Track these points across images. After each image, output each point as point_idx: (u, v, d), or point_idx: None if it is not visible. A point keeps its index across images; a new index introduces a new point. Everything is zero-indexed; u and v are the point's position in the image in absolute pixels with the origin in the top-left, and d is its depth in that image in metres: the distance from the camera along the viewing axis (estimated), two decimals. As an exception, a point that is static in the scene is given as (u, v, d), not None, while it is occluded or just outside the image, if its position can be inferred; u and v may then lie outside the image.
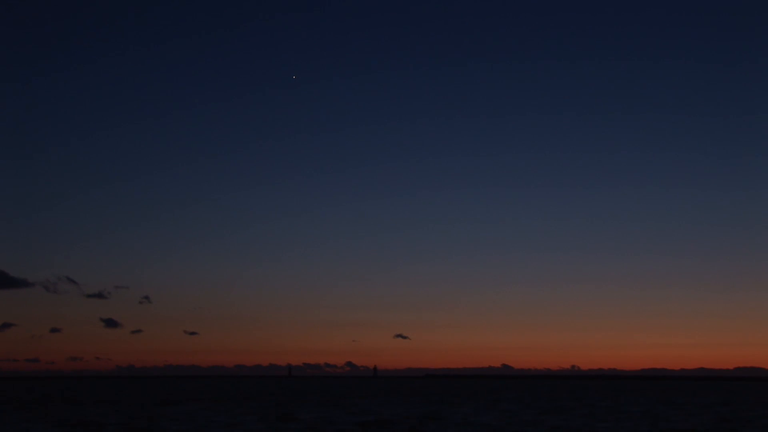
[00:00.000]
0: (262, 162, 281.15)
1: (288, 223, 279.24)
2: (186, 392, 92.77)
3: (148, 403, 58.75)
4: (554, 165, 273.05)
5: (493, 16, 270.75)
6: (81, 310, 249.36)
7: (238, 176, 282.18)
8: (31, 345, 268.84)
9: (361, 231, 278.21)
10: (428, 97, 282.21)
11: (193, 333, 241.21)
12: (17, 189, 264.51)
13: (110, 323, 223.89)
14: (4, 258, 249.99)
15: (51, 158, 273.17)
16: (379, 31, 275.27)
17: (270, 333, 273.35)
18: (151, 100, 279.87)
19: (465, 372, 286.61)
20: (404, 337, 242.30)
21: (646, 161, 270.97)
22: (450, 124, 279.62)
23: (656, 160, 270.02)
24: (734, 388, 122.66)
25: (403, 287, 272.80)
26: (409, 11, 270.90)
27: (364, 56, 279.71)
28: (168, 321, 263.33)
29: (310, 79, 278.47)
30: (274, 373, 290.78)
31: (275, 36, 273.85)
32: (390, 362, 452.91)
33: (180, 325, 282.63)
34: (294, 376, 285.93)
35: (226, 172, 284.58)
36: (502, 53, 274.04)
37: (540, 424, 37.28)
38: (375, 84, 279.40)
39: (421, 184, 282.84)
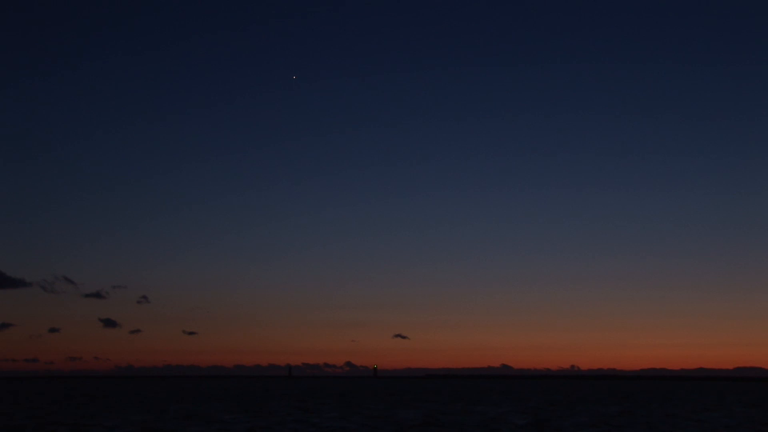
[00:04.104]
0: (260, 162, 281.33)
1: (287, 223, 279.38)
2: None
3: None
4: (555, 167, 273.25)
5: (491, 19, 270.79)
6: (79, 309, 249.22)
7: (237, 177, 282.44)
8: (30, 345, 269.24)
9: (361, 232, 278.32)
10: (429, 98, 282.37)
11: (191, 333, 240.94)
12: (15, 189, 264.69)
13: (109, 323, 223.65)
14: (1, 258, 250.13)
15: (49, 159, 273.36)
16: (379, 33, 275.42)
17: (269, 333, 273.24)
18: (150, 101, 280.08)
19: (464, 372, 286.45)
20: (404, 337, 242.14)
21: (646, 163, 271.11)
22: (450, 126, 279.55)
23: (656, 162, 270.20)
24: (734, 388, 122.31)
25: (402, 287, 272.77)
26: (410, 13, 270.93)
27: (365, 57, 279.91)
28: (167, 321, 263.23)
29: (310, 80, 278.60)
30: (273, 373, 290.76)
31: (276, 36, 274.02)
32: (389, 362, 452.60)
33: (179, 325, 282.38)
34: (294, 377, 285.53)
35: (224, 172, 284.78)
36: (512, 54, 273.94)
37: None
38: (377, 84, 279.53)
39: (421, 185, 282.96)
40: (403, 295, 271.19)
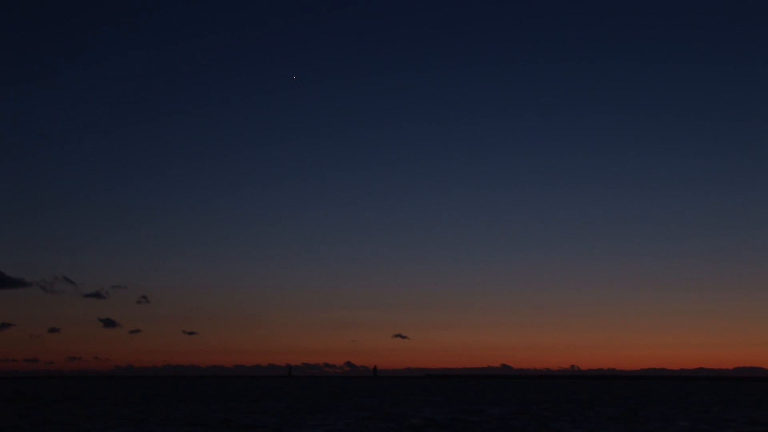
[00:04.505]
0: (260, 162, 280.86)
1: (287, 223, 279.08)
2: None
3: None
4: (555, 167, 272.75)
5: (490, 19, 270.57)
6: (79, 309, 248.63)
7: (237, 176, 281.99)
8: (30, 345, 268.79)
9: (361, 232, 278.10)
10: (429, 98, 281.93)
11: (191, 333, 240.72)
12: (14, 189, 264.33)
13: (108, 323, 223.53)
14: (1, 258, 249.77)
15: (49, 158, 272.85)
16: (380, 32, 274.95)
17: (269, 333, 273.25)
18: (149, 101, 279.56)
19: (464, 372, 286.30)
20: (403, 337, 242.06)
21: (646, 163, 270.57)
22: (450, 126, 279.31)
23: (656, 162, 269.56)
24: (734, 388, 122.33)
25: (402, 287, 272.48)
26: (411, 13, 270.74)
27: (366, 57, 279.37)
28: (166, 321, 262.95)
29: (310, 80, 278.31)
30: (273, 373, 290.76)
31: (276, 36, 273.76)
32: (389, 362, 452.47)
33: (179, 325, 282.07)
34: (294, 376, 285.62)
35: (224, 172, 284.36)
36: (512, 54, 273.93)
37: None
38: (377, 84, 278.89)
39: (421, 185, 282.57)
40: (403, 295, 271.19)
